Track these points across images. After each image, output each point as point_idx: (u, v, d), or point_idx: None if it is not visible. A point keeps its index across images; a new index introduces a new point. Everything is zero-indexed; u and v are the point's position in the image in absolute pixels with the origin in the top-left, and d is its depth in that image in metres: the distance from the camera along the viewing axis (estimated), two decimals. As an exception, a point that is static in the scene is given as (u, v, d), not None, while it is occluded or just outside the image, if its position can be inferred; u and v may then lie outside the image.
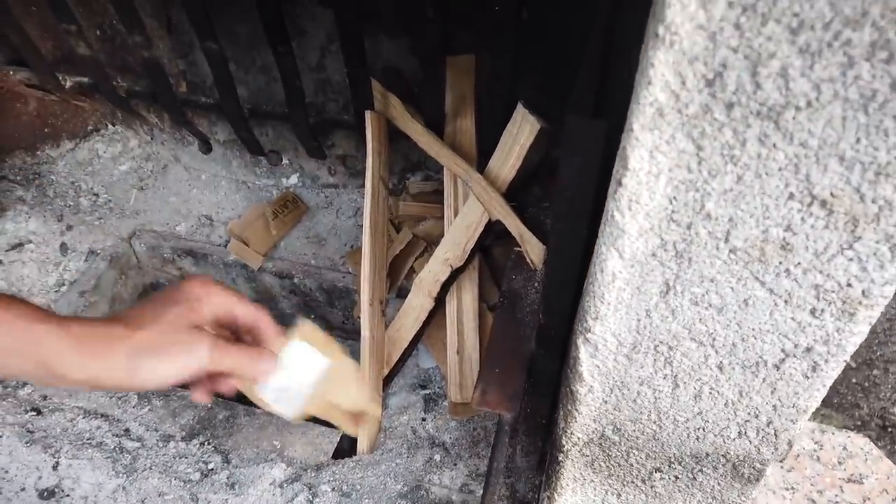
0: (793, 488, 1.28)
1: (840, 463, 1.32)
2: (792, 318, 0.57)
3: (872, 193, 0.47)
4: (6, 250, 1.63)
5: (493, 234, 1.39)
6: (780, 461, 0.71)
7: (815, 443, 1.35)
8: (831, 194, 0.48)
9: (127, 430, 1.34)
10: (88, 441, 1.30)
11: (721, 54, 0.43)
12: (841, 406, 3.00)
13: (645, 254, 0.57)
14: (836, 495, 1.27)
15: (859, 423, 2.99)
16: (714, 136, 0.48)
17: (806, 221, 0.50)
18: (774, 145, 0.47)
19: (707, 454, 0.74)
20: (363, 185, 1.38)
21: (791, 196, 0.49)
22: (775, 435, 0.69)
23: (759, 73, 0.44)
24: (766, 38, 0.42)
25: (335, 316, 1.74)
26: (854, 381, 3.10)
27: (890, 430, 2.90)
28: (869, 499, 1.26)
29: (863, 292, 0.53)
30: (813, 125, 0.45)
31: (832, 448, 1.34)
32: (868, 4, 0.39)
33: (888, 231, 0.49)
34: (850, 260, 0.52)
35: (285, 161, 1.74)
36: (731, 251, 0.54)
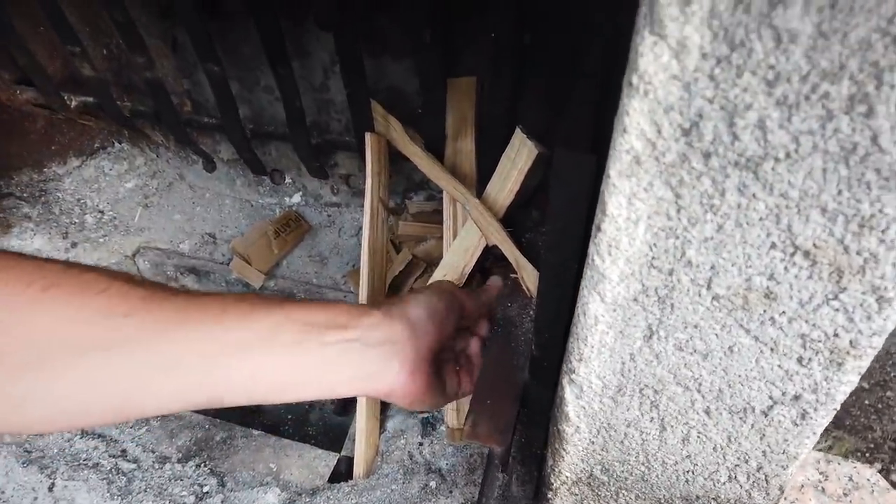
0: (797, 521, 1.25)
1: (846, 494, 1.29)
2: (779, 366, 0.56)
3: (857, 245, 0.46)
4: (11, 267, 1.64)
5: (493, 257, 1.38)
6: (773, 506, 0.69)
7: (821, 473, 1.32)
8: (814, 245, 0.47)
9: (124, 451, 1.34)
10: (85, 462, 1.30)
11: (696, 104, 0.42)
12: (853, 428, 2.95)
13: (626, 298, 0.55)
14: (842, 529, 1.24)
15: (872, 445, 2.94)
16: (692, 184, 0.46)
17: (789, 271, 0.49)
18: (754, 195, 0.45)
19: (697, 497, 0.73)
20: (364, 206, 1.38)
21: (773, 246, 0.48)
22: (766, 480, 0.67)
23: (735, 123, 0.42)
24: (741, 90, 0.41)
25: (336, 335, 1.73)
26: (867, 402, 3.04)
27: (904, 453, 2.84)
28: (875, 533, 1.22)
29: (850, 342, 0.52)
30: (793, 177, 0.44)
31: (838, 479, 1.31)
32: (845, 58, 0.38)
33: (874, 283, 0.47)
34: (837, 310, 0.50)
35: (288, 180, 1.74)
36: (713, 298, 0.53)
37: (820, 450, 1.50)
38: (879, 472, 2.28)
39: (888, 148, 0.40)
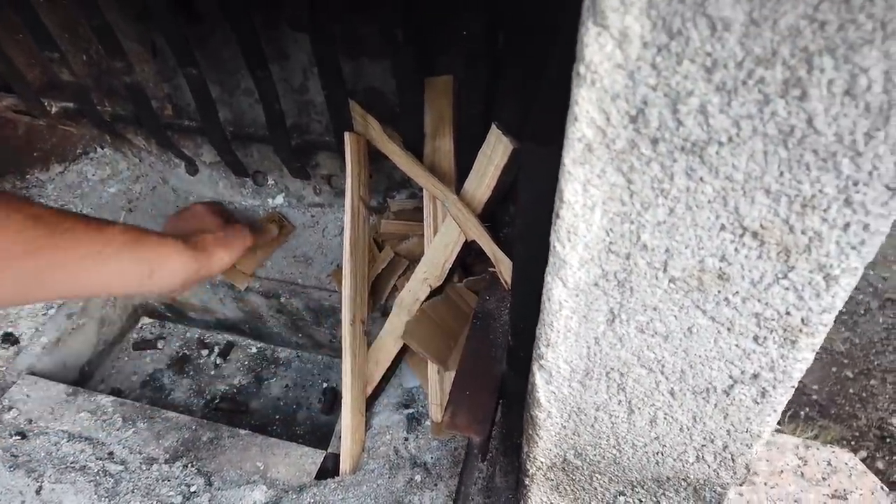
0: (776, 505, 1.27)
1: (824, 479, 1.32)
2: (736, 346, 0.58)
3: (801, 225, 0.48)
4: (-5, 274, 1.65)
5: (474, 252, 1.39)
6: (740, 484, 0.71)
7: (800, 458, 1.35)
8: (761, 226, 0.49)
9: (111, 453, 1.34)
10: (72, 465, 1.31)
11: (641, 92, 0.44)
12: (839, 417, 2.97)
13: (587, 283, 0.57)
14: (820, 512, 1.26)
15: (857, 434, 2.97)
16: (643, 170, 0.48)
17: (739, 252, 0.51)
18: (701, 179, 0.47)
19: (668, 478, 0.75)
20: (345, 205, 1.39)
21: (723, 227, 0.50)
22: (732, 459, 0.69)
23: (679, 110, 0.44)
24: (682, 77, 0.43)
25: (322, 334, 1.75)
26: (852, 391, 3.07)
27: (888, 440, 2.88)
28: (852, 515, 1.25)
29: (802, 320, 0.54)
30: (736, 160, 0.46)
31: (816, 464, 1.34)
32: (777, 44, 0.39)
33: (820, 261, 0.49)
34: (787, 289, 0.52)
35: (271, 181, 1.75)
36: (670, 280, 0.55)
37: (806, 438, 1.52)
38: (863, 460, 2.32)
39: (823, 130, 0.42)
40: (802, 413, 2.79)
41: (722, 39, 0.40)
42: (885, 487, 1.33)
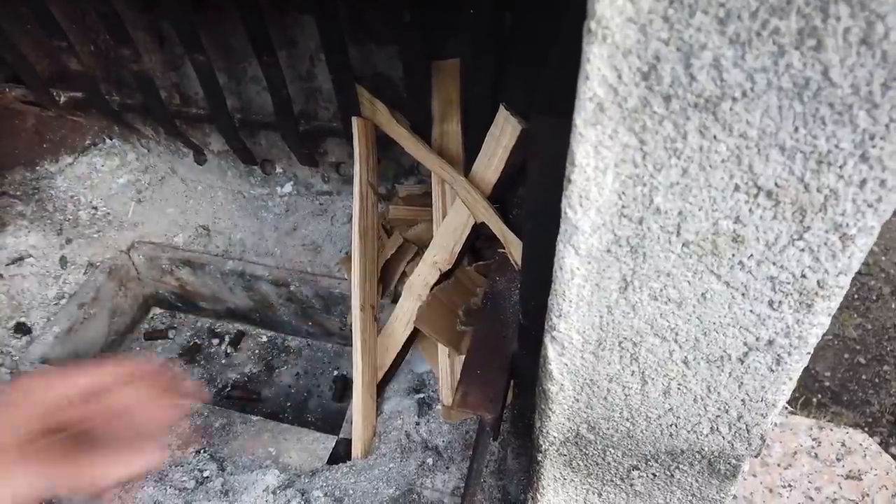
0: (790, 485, 1.26)
1: (839, 459, 1.31)
2: (751, 311, 0.57)
3: (816, 182, 0.47)
4: (7, 264, 1.66)
5: (484, 237, 1.39)
6: (755, 456, 0.70)
7: (814, 440, 1.34)
8: (776, 185, 0.48)
9: (123, 439, 1.35)
10: (85, 451, 1.32)
11: (653, 47, 0.44)
12: (851, 403, 2.96)
13: (600, 250, 0.57)
14: (835, 492, 1.25)
15: (870, 419, 2.95)
16: (655, 129, 0.48)
17: (754, 213, 0.50)
18: (715, 137, 0.47)
19: (682, 451, 0.74)
20: (353, 191, 1.39)
21: (737, 188, 0.49)
22: (747, 430, 0.68)
23: (692, 64, 0.44)
24: (695, 30, 0.42)
25: (332, 322, 1.75)
26: (864, 377, 3.05)
27: (901, 426, 2.85)
28: (868, 495, 1.24)
29: (818, 283, 0.53)
30: (750, 115, 0.45)
31: (830, 445, 1.33)
32: (792, -8, 0.39)
33: (836, 220, 0.49)
34: (802, 251, 0.51)
35: (279, 170, 1.75)
36: (683, 245, 0.54)
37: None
38: (878, 444, 2.30)
39: (839, 81, 0.42)
40: (815, 400, 2.77)
41: (736, -12, 0.39)
42: (900, 468, 1.32)
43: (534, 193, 0.71)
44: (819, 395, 2.77)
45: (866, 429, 2.72)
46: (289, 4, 1.34)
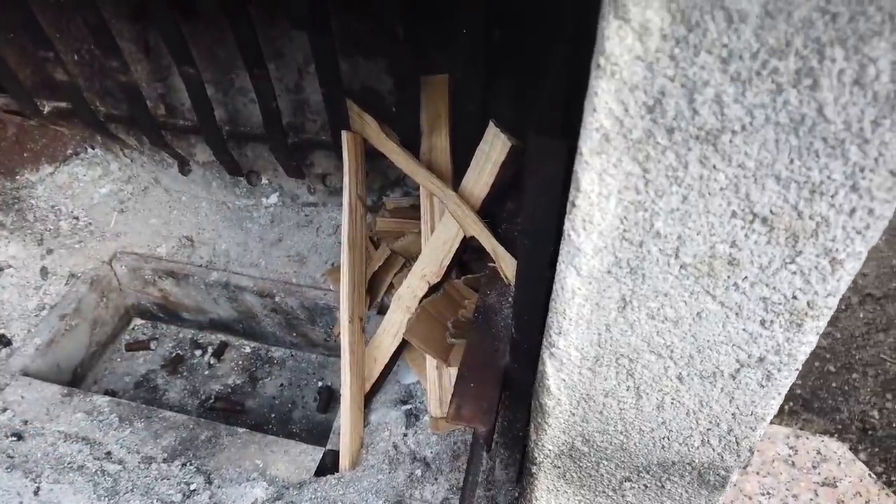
0: (769, 493, 1.30)
1: (814, 467, 1.35)
2: (744, 330, 0.60)
3: (809, 210, 0.50)
4: (-14, 275, 1.64)
5: (471, 250, 1.41)
6: (744, 468, 0.73)
7: (790, 448, 1.38)
8: (771, 212, 0.51)
9: (108, 452, 1.34)
10: (69, 465, 1.30)
11: (659, 83, 0.46)
12: (822, 410, 3.03)
13: (601, 271, 0.59)
14: (811, 499, 1.29)
15: (840, 426, 3.03)
16: (658, 159, 0.50)
17: (749, 238, 0.53)
18: (714, 167, 0.49)
19: (673, 462, 0.77)
20: (342, 203, 1.40)
21: (734, 214, 0.52)
22: (737, 442, 0.71)
23: (695, 99, 0.46)
24: (699, 68, 0.44)
25: (317, 333, 1.75)
26: (834, 385, 3.13)
27: (870, 433, 2.94)
28: (843, 501, 1.28)
29: (808, 304, 0.56)
30: (749, 148, 0.48)
31: (807, 453, 1.37)
32: (791, 35, 0.41)
33: (827, 245, 0.51)
34: (794, 273, 0.54)
35: (265, 181, 1.76)
36: (681, 267, 0.56)
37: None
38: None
39: (832, 118, 0.44)
40: (786, 407, 2.84)
41: (738, 31, 0.42)
42: (872, 475, 1.37)
43: (530, 212, 0.73)
44: (791, 403, 2.84)
45: (836, 435, 2.80)
46: (281, 18, 1.35)
